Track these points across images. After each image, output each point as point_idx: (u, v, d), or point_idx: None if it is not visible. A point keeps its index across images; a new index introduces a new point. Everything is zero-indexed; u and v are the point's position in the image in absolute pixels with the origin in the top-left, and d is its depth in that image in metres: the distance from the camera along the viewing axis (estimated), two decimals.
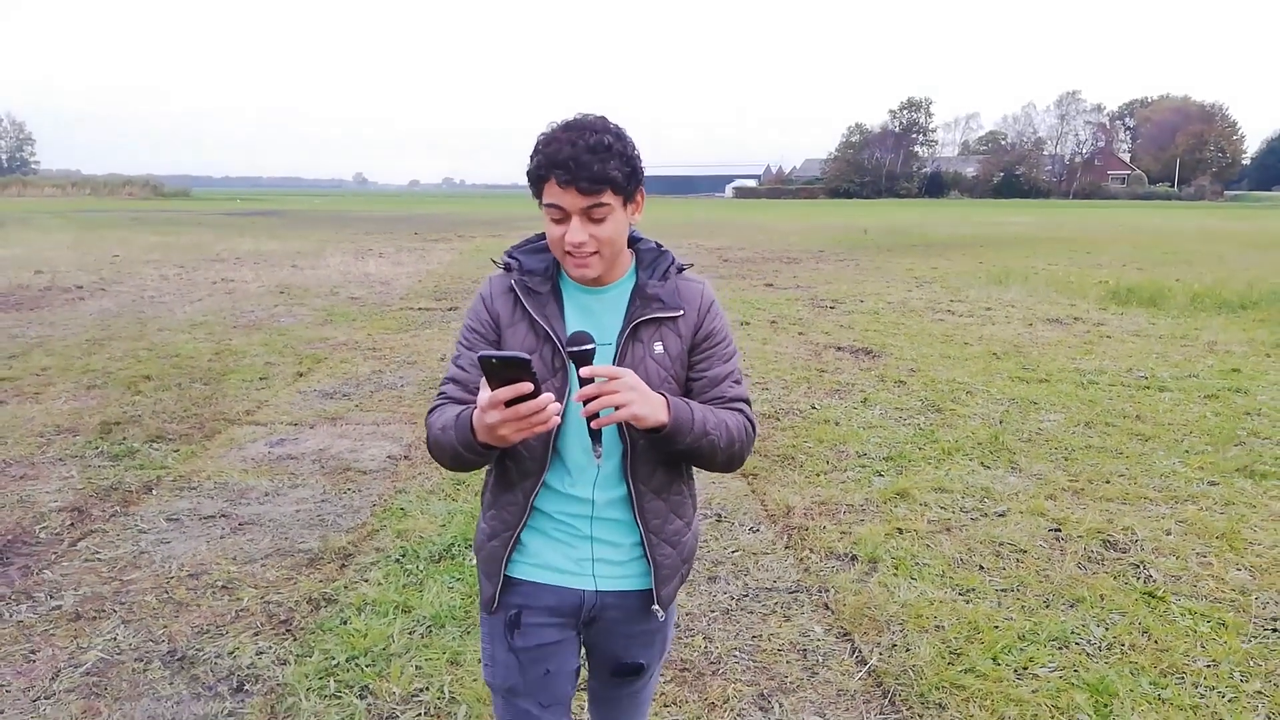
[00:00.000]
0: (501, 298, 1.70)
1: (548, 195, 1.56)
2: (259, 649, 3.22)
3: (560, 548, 1.71)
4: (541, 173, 1.55)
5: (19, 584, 3.76)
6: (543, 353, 1.64)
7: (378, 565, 3.90)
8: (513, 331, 1.67)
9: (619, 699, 1.95)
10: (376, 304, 12.10)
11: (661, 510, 1.72)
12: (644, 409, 1.51)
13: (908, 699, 2.93)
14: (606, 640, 1.80)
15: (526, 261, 1.72)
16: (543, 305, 1.66)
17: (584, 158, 1.50)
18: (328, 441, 5.77)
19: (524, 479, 1.68)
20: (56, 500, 4.70)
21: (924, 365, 8.14)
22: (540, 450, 1.66)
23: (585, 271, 1.61)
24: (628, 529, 1.72)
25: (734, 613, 3.54)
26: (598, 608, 1.74)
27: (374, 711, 2.84)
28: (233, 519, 4.48)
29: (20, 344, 8.91)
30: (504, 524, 1.72)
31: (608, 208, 1.56)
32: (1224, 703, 2.90)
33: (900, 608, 3.53)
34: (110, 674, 3.07)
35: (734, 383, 1.73)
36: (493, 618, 1.76)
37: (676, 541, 1.75)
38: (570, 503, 1.70)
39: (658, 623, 1.80)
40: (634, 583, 1.74)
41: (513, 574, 1.72)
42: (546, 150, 1.54)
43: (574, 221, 1.55)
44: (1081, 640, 3.30)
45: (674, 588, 1.78)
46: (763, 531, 4.35)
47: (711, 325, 1.72)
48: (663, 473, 1.71)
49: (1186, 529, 4.37)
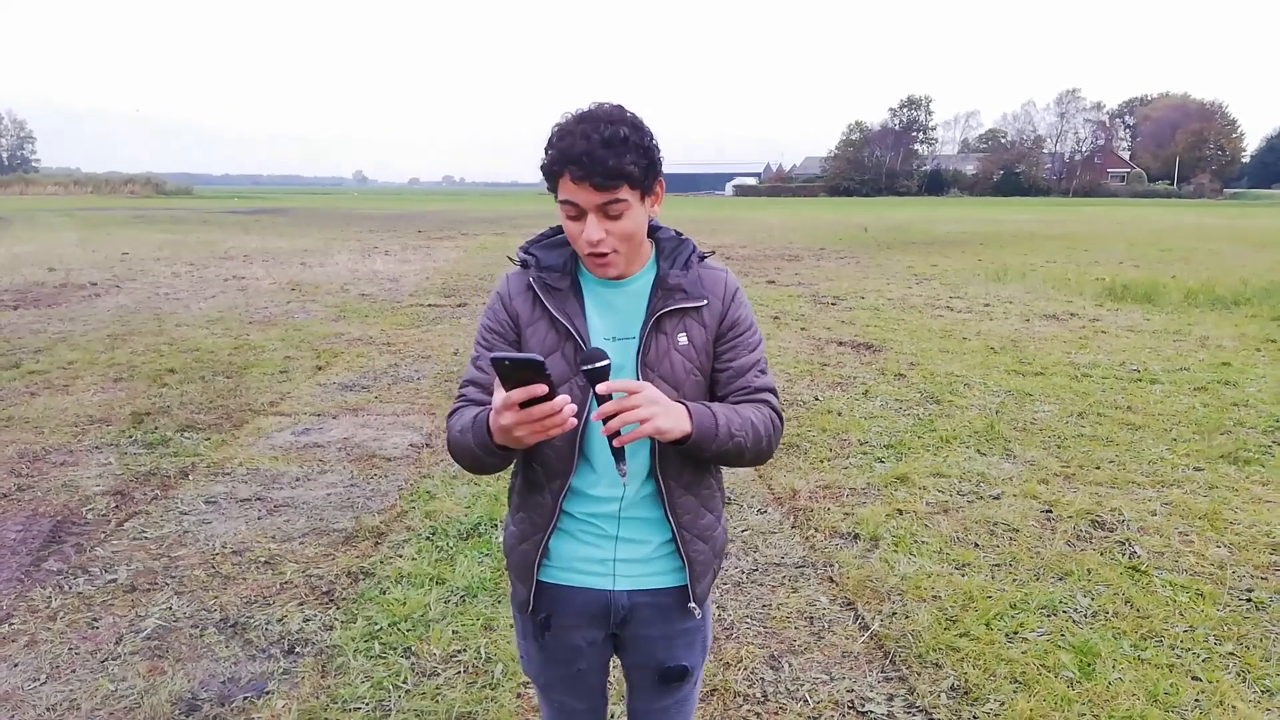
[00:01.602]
0: (520, 296, 1.65)
1: (562, 191, 1.51)
2: (305, 616, 3.48)
3: (585, 549, 1.69)
4: (555, 168, 1.50)
5: (74, 560, 4.01)
6: (564, 350, 1.60)
7: (410, 542, 4.15)
8: (533, 330, 1.63)
9: (665, 710, 1.84)
10: (387, 300, 12.35)
11: (692, 505, 1.68)
12: (666, 422, 1.47)
13: (906, 659, 3.18)
14: (646, 644, 1.75)
15: (544, 257, 1.66)
16: (563, 302, 1.61)
17: (599, 152, 1.45)
18: (351, 431, 6.02)
19: (551, 480, 1.65)
20: (99, 485, 4.95)
21: (923, 359, 8.39)
22: (566, 452, 1.62)
23: (607, 272, 1.59)
24: (657, 526, 1.68)
25: (745, 585, 3.79)
26: (628, 608, 1.70)
27: (418, 669, 3.10)
28: (268, 502, 4.73)
29: (44, 339, 9.16)
30: (534, 526, 1.69)
31: (625, 204, 1.50)
32: (1198, 662, 3.16)
33: (900, 580, 3.79)
34: (170, 638, 3.32)
35: (760, 372, 1.69)
36: (524, 617, 1.76)
37: (708, 536, 1.72)
38: (597, 503, 1.66)
39: (695, 621, 1.75)
40: (665, 580, 1.71)
41: (542, 578, 1.71)
42: (560, 145, 1.48)
43: (590, 218, 1.51)
44: (1068, 609, 3.55)
45: (708, 584, 1.75)
46: (770, 513, 4.60)
47: (736, 314, 1.67)
48: (691, 468, 1.67)
49: (1171, 510, 4.63)
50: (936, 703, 2.92)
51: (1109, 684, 3.00)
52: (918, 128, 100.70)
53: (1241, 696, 2.95)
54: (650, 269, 1.67)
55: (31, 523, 4.43)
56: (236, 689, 2.99)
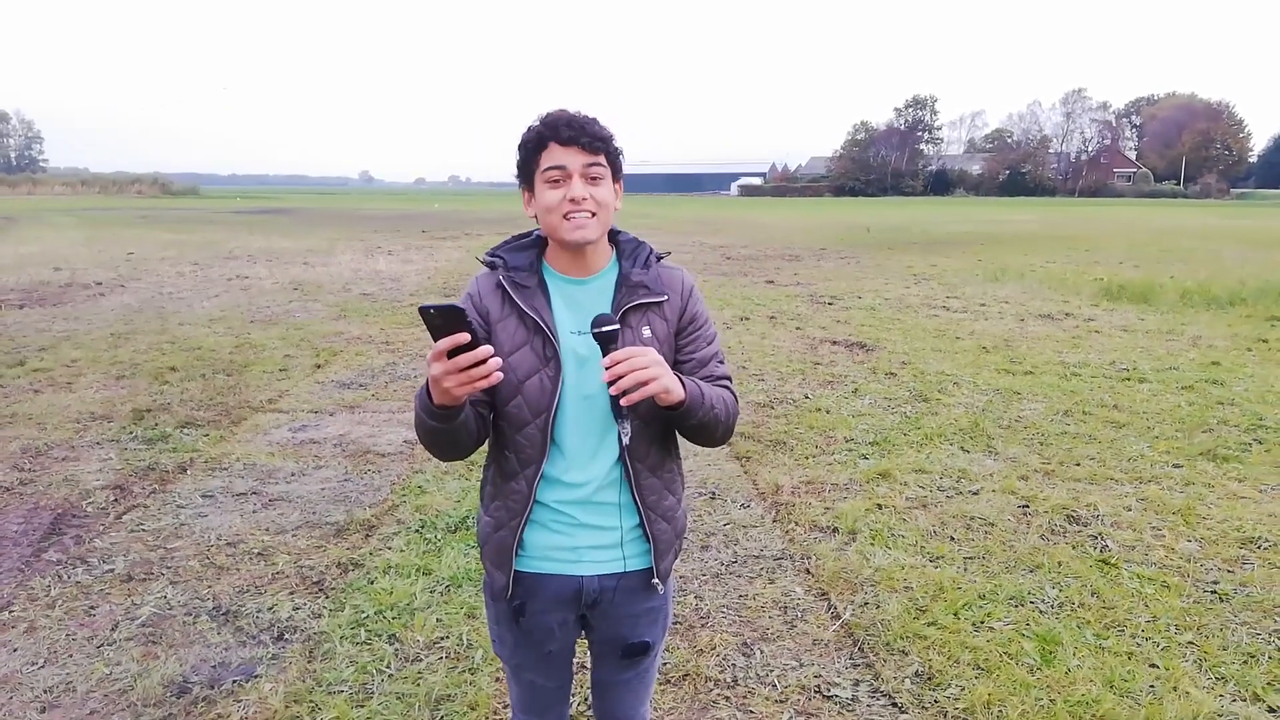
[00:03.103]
0: (490, 295, 1.75)
1: (548, 159, 1.66)
2: (295, 605, 3.59)
3: (556, 538, 1.78)
4: (545, 133, 1.66)
5: (73, 551, 4.13)
6: (534, 344, 1.71)
7: (399, 535, 4.27)
8: (503, 325, 1.72)
9: (627, 682, 1.97)
10: (388, 300, 12.48)
11: (657, 487, 1.80)
12: (671, 383, 1.59)
13: (875, 647, 3.28)
14: (612, 623, 1.85)
15: (511, 259, 1.78)
16: (531, 298, 1.72)
17: (583, 120, 1.66)
18: (347, 428, 6.14)
19: (525, 467, 1.75)
20: (98, 479, 5.07)
21: (915, 358, 8.48)
22: (539, 439, 1.72)
23: (584, 233, 1.67)
24: (625, 511, 1.78)
25: (723, 576, 3.90)
26: (598, 591, 1.80)
27: (401, 655, 3.21)
28: (263, 496, 4.85)
29: (48, 337, 9.31)
30: (509, 513, 1.77)
31: (603, 171, 1.68)
32: (1158, 651, 3.25)
33: (874, 571, 3.89)
34: (163, 625, 3.44)
35: (719, 362, 1.83)
36: (495, 604, 1.86)
37: (671, 517, 1.83)
38: (568, 489, 1.75)
39: (659, 599, 1.88)
40: (633, 563, 1.81)
41: (518, 567, 1.79)
42: (546, 119, 1.67)
43: (575, 179, 1.65)
44: (1036, 599, 3.65)
45: (670, 562, 1.86)
46: (753, 508, 4.70)
47: (695, 309, 1.81)
48: (657, 450, 1.79)
49: (1146, 505, 4.72)
50: (900, 687, 3.02)
51: (1068, 670, 3.10)
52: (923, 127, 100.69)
53: (1196, 683, 3.04)
54: (613, 268, 1.79)
55: (33, 515, 4.56)
56: (226, 673, 3.11)
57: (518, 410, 1.72)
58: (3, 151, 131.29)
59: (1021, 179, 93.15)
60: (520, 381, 1.70)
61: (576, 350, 1.72)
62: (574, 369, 1.72)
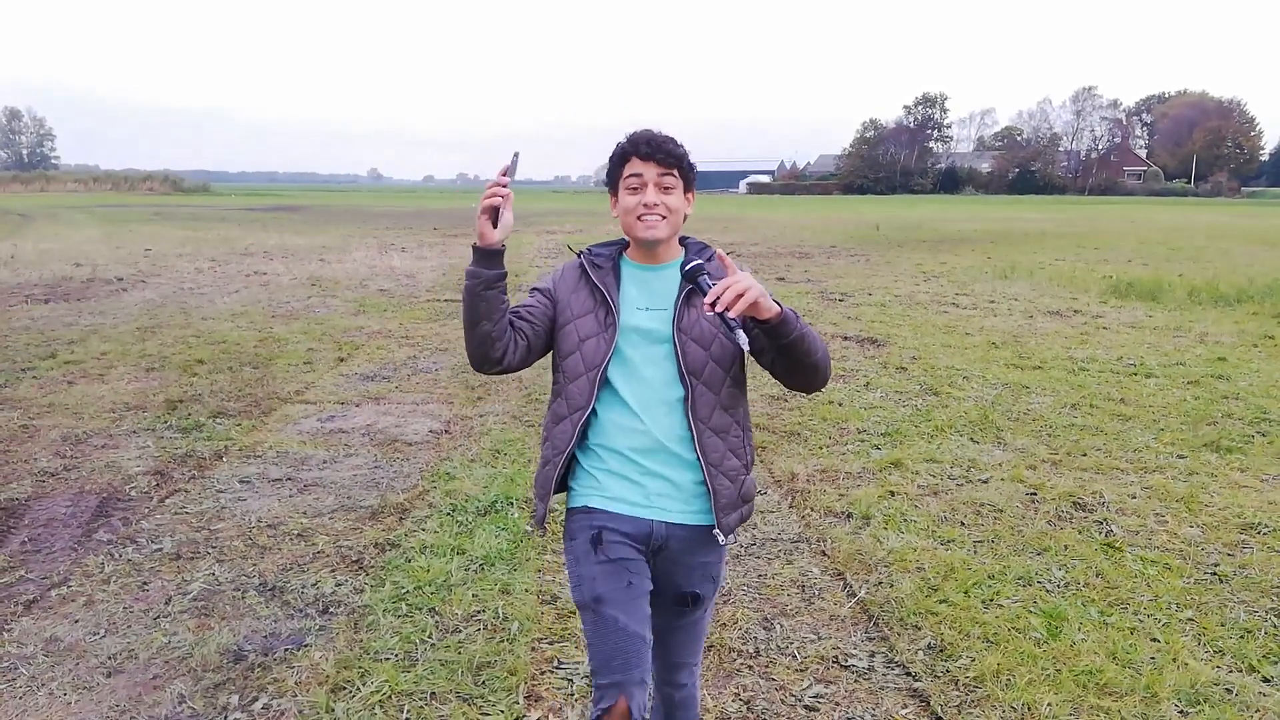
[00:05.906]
0: (570, 272, 2.11)
1: (630, 168, 2.00)
2: (338, 581, 3.79)
3: (625, 484, 2.02)
4: (628, 149, 2.00)
5: (122, 531, 4.33)
6: (597, 313, 2.04)
7: (431, 518, 4.46)
8: (576, 295, 2.07)
9: (678, 629, 2.16)
10: (404, 296, 12.69)
11: (719, 447, 2.01)
12: (766, 299, 1.81)
13: (889, 622, 3.46)
14: (671, 571, 2.06)
15: (596, 249, 2.13)
16: (603, 276, 2.06)
17: (661, 139, 1.99)
18: (374, 418, 6.34)
19: (572, 412, 2.04)
20: (139, 466, 5.28)
21: (925, 354, 8.64)
22: (587, 389, 2.01)
23: (654, 232, 1.99)
24: (689, 466, 2.01)
25: (743, 557, 4.08)
26: (665, 538, 2.02)
27: (442, 626, 3.40)
28: (298, 482, 5.04)
29: (77, 331, 9.54)
30: (555, 450, 2.06)
31: (675, 182, 1.99)
32: (1159, 626, 3.42)
33: (887, 553, 4.06)
34: (214, 600, 3.64)
35: None
36: (574, 543, 2.04)
37: (734, 478, 2.03)
38: (635, 437, 2.01)
39: (717, 555, 2.10)
40: (696, 518, 2.02)
41: (591, 504, 2.03)
42: (631, 136, 2.01)
43: (650, 188, 1.97)
44: (1043, 580, 3.82)
45: (733, 520, 2.05)
46: (770, 494, 4.88)
47: None
48: (720, 414, 2.02)
49: (1150, 493, 4.88)
50: (914, 658, 3.20)
51: (1073, 643, 3.27)
52: (933, 125, 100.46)
53: (1195, 655, 3.21)
54: (680, 261, 2.08)
55: (79, 499, 4.76)
56: (278, 642, 3.30)
57: (574, 364, 2.04)
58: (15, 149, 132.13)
59: (1031, 177, 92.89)
60: (581, 340, 2.04)
61: (641, 325, 2.03)
62: (638, 338, 2.02)
